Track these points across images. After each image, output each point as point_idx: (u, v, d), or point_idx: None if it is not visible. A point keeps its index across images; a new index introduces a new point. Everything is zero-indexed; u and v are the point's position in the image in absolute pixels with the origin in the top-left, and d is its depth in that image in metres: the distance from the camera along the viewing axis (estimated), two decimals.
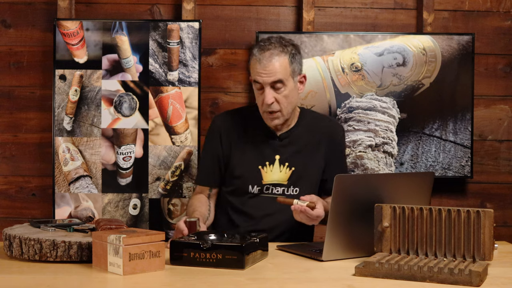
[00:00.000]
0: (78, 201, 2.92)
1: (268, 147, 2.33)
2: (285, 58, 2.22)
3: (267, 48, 2.22)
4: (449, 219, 1.75)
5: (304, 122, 2.38)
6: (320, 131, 2.38)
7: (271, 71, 2.20)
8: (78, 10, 3.02)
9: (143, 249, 1.69)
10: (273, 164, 2.32)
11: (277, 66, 2.20)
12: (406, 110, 2.98)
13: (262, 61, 2.21)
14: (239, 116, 2.39)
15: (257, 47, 2.25)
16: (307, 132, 2.36)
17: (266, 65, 2.20)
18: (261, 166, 2.32)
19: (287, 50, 2.24)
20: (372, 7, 3.09)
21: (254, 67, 2.23)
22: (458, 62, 2.99)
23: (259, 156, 2.33)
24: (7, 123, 3.04)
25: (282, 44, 2.25)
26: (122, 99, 2.93)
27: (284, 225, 2.31)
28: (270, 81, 2.21)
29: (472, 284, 1.58)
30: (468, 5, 3.10)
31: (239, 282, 1.62)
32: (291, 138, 2.34)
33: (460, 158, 3.00)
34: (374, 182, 1.94)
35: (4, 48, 3.03)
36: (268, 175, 2.31)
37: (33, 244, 1.78)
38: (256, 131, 2.35)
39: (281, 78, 2.21)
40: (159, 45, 2.93)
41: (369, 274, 1.68)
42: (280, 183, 2.31)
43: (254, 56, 2.24)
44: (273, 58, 2.21)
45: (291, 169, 2.31)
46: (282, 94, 2.23)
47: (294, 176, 2.31)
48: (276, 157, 2.32)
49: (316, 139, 2.36)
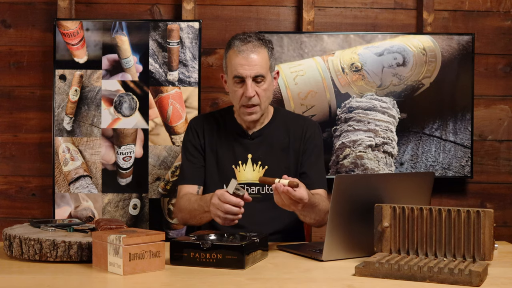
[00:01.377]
0: (78, 201, 2.92)
1: (240, 146, 2.31)
2: (265, 52, 2.22)
3: (248, 41, 2.21)
4: (449, 219, 1.75)
5: (277, 120, 2.35)
6: (294, 129, 2.34)
7: (254, 63, 2.18)
8: (78, 10, 3.02)
9: (143, 249, 1.69)
10: (246, 163, 2.30)
11: (259, 59, 2.19)
12: (406, 110, 2.98)
13: (245, 52, 2.19)
14: (213, 118, 2.37)
15: (237, 39, 2.23)
16: (280, 131, 2.33)
17: (248, 57, 2.18)
18: (235, 166, 2.30)
19: (266, 45, 2.24)
20: (372, 7, 3.09)
21: (235, 60, 2.20)
22: (458, 62, 2.99)
23: (232, 156, 2.30)
24: (7, 123, 3.04)
25: (261, 39, 2.24)
26: (122, 99, 2.93)
27: (263, 226, 2.23)
28: (253, 74, 2.19)
29: (472, 284, 1.58)
30: (468, 5, 3.10)
31: (239, 282, 1.62)
32: (263, 136, 2.32)
33: (460, 158, 3.00)
34: (374, 182, 1.94)
35: (4, 48, 3.03)
36: (241, 175, 2.29)
37: (33, 244, 1.78)
38: (229, 131, 2.33)
39: (263, 73, 2.20)
40: (159, 45, 2.93)
41: (369, 274, 1.68)
42: (254, 182, 2.28)
43: (234, 48, 2.21)
44: (255, 50, 2.19)
45: (264, 167, 2.29)
46: (262, 88, 2.21)
47: (267, 174, 2.27)
48: (248, 156, 2.29)
49: (289, 137, 2.33)
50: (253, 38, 2.23)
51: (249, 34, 2.26)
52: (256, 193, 2.28)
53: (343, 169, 2.97)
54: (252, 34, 2.26)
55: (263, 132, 2.32)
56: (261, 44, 2.22)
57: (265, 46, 2.23)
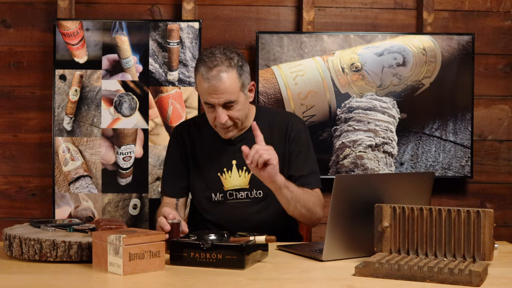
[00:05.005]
0: (78, 201, 2.92)
1: (224, 153, 2.27)
2: (233, 73, 2.12)
3: (213, 65, 2.10)
4: (449, 219, 1.75)
5: (260, 121, 2.27)
6: (277, 126, 2.30)
7: (221, 91, 2.10)
8: (78, 10, 3.02)
9: (143, 249, 1.69)
10: (231, 170, 2.26)
11: (227, 85, 2.10)
12: (406, 110, 2.98)
13: (211, 81, 2.09)
14: (195, 126, 2.33)
15: (202, 64, 2.13)
16: (264, 131, 2.22)
17: (215, 85, 2.09)
18: (220, 173, 2.26)
19: (234, 64, 2.13)
20: (372, 7, 3.09)
21: (202, 87, 2.12)
22: (458, 62, 2.99)
23: (216, 164, 2.27)
24: (7, 123, 3.04)
25: (228, 57, 2.13)
26: (122, 99, 2.93)
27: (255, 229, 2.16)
28: (221, 102, 2.12)
29: (472, 284, 1.58)
30: (468, 5, 3.10)
31: (239, 282, 1.61)
32: (246, 140, 2.26)
33: (460, 158, 3.00)
34: (374, 182, 1.94)
35: (4, 48, 3.03)
36: (228, 182, 2.26)
37: (33, 244, 1.78)
38: (211, 139, 2.28)
39: (232, 98, 2.12)
40: (159, 45, 2.93)
41: (369, 274, 1.68)
42: (242, 188, 2.26)
43: (200, 75, 2.12)
44: (221, 76, 2.09)
45: (249, 172, 2.25)
46: (235, 110, 2.15)
47: (254, 178, 2.22)
48: (233, 162, 2.26)
49: (273, 136, 2.28)
50: (219, 61, 2.11)
51: (215, 54, 2.13)
52: (245, 198, 2.27)
53: (343, 169, 2.97)
54: (218, 53, 2.13)
55: (246, 136, 2.27)
56: (228, 66, 2.11)
57: (232, 66, 2.12)
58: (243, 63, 2.16)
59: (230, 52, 2.15)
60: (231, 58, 2.13)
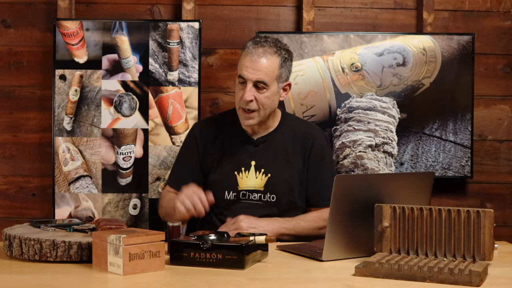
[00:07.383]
0: (78, 201, 2.92)
1: (244, 153, 2.28)
2: (276, 60, 2.19)
3: (261, 45, 2.19)
4: (449, 219, 1.75)
5: (284, 127, 2.31)
6: (300, 136, 2.32)
7: (259, 67, 2.17)
8: (78, 10, 3.02)
9: (143, 249, 1.69)
10: (249, 170, 2.27)
11: (267, 65, 2.16)
12: (406, 110, 2.98)
13: (254, 55, 2.17)
14: (217, 123, 2.36)
15: (252, 41, 2.22)
16: (286, 139, 2.29)
17: (256, 60, 2.16)
18: (237, 172, 2.27)
19: (280, 53, 2.20)
20: (372, 7, 3.09)
21: (244, 60, 2.20)
22: (458, 62, 2.99)
23: (234, 162, 2.28)
24: (7, 123, 3.04)
25: (277, 46, 2.21)
26: (122, 99, 2.93)
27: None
28: (254, 78, 2.17)
29: (472, 284, 1.58)
30: (468, 5, 3.10)
31: (239, 282, 1.62)
32: (267, 143, 2.28)
33: (460, 158, 3.00)
34: (374, 182, 1.94)
35: (4, 48, 3.03)
36: (244, 181, 2.27)
37: (33, 244, 1.78)
38: (233, 136, 2.30)
39: (266, 80, 2.17)
40: (159, 45, 2.93)
41: (369, 274, 1.68)
42: (256, 189, 2.27)
43: (246, 49, 2.21)
44: (264, 56, 2.17)
45: (267, 175, 2.26)
46: (263, 95, 2.18)
47: (270, 182, 2.25)
48: (252, 162, 2.27)
49: (295, 146, 2.30)
50: (268, 43, 2.20)
51: (267, 39, 2.22)
52: (258, 200, 2.27)
53: (343, 169, 2.97)
54: (270, 40, 2.22)
55: (268, 138, 2.29)
56: (274, 52, 2.19)
57: (278, 54, 2.19)
58: (288, 59, 2.24)
59: (281, 44, 2.24)
60: (280, 48, 2.21)
